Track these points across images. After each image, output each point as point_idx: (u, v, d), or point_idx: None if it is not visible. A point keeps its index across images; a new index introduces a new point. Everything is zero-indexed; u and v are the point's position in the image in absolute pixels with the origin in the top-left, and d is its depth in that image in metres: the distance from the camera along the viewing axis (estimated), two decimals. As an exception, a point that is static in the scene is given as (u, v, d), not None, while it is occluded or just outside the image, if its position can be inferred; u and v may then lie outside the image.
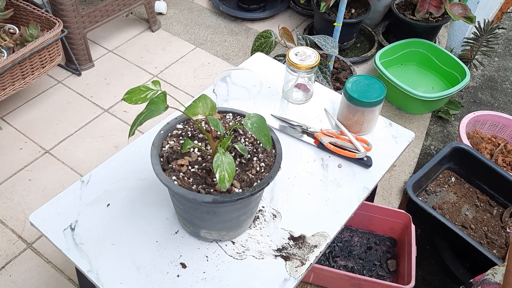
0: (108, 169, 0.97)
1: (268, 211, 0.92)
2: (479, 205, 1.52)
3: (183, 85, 1.92)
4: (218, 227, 0.82)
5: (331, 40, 1.52)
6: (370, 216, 1.41)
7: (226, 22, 2.27)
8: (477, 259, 1.31)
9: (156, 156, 0.77)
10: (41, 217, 0.89)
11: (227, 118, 0.86)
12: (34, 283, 1.28)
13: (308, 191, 0.96)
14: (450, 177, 1.60)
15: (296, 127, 1.08)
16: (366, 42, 2.19)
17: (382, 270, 1.38)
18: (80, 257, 0.83)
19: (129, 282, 0.80)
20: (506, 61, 2.34)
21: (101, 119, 1.75)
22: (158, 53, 2.06)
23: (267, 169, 0.78)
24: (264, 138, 0.72)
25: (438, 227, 1.39)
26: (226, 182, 0.68)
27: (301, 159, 1.02)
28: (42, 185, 1.51)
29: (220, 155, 0.69)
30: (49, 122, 1.72)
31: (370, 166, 1.01)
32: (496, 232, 1.44)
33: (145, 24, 2.20)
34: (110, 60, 2.00)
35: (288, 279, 0.82)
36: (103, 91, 1.86)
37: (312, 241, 0.88)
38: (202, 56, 2.06)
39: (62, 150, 1.63)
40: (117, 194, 0.93)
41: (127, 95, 0.72)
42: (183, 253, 0.84)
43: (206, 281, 0.81)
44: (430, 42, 1.99)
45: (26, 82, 1.64)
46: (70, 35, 1.80)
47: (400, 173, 1.68)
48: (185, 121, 0.84)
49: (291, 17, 2.34)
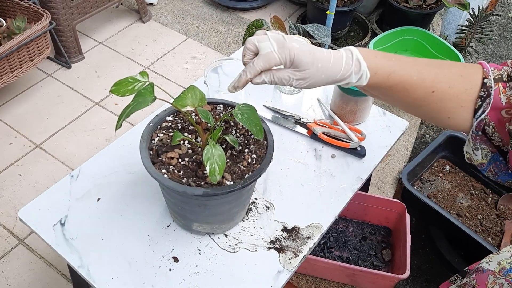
0: (98, 163, 0.95)
1: (261, 203, 0.91)
2: (474, 193, 1.52)
3: (175, 77, 1.89)
4: (210, 220, 0.81)
5: (324, 29, 1.50)
6: (365, 206, 1.40)
7: (218, 12, 2.24)
8: (472, 247, 1.31)
9: (145, 149, 0.75)
10: (30, 213, 0.87)
11: (217, 109, 0.84)
12: (26, 279, 1.26)
13: (301, 182, 0.95)
14: (445, 165, 1.59)
15: (289, 117, 1.07)
16: (359, 30, 2.17)
17: (377, 260, 1.38)
18: (70, 252, 0.82)
19: (121, 277, 0.79)
20: (501, 48, 2.33)
21: (92, 112, 1.73)
22: (149, 44, 2.03)
23: (259, 160, 0.76)
24: (256, 129, 0.70)
25: (433, 216, 1.39)
26: (217, 175, 0.66)
27: (294, 150, 1.01)
28: (33, 180, 1.49)
29: (210, 147, 0.67)
30: (39, 116, 1.70)
31: (364, 156, 1.00)
32: (491, 220, 1.44)
33: (136, 15, 2.16)
34: (100, 52, 1.97)
35: (282, 271, 0.81)
36: (94, 83, 1.83)
37: (306, 233, 0.87)
38: (194, 47, 2.04)
39: (53, 144, 1.60)
40: (108, 188, 0.91)
41: (115, 86, 0.70)
42: (175, 247, 0.83)
43: (199, 274, 0.80)
44: (424, 30, 1.97)
45: (14, 75, 1.61)
46: (59, 27, 1.77)
47: (395, 162, 1.68)
48: (175, 113, 0.83)
49: (284, 6, 2.31)
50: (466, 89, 0.62)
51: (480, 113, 0.62)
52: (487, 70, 0.63)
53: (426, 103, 0.64)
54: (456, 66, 0.64)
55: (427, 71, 0.63)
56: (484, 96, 0.62)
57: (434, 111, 0.64)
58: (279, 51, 0.60)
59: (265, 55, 0.60)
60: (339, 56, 0.61)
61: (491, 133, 0.63)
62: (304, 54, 0.60)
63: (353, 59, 0.61)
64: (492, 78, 0.62)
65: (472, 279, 0.75)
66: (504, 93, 0.61)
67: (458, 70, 0.63)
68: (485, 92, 0.62)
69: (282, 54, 0.60)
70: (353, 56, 0.61)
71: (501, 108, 0.61)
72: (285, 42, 0.60)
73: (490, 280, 0.71)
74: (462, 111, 0.63)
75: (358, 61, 0.61)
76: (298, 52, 0.60)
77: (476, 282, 0.73)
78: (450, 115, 0.64)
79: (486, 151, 0.65)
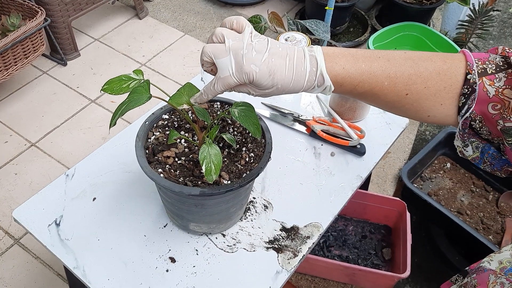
0: (94, 162, 0.94)
1: (259, 202, 0.89)
2: (474, 191, 1.51)
3: (172, 74, 1.87)
4: (207, 219, 0.80)
5: (323, 25, 1.48)
6: (365, 205, 1.39)
7: (216, 7, 2.22)
8: (473, 245, 1.30)
9: (141, 148, 0.74)
10: (25, 213, 0.86)
11: (214, 107, 0.83)
12: (22, 279, 1.25)
13: (300, 181, 0.93)
14: (445, 163, 1.58)
15: (288, 115, 1.05)
16: (359, 26, 2.15)
17: (377, 259, 1.37)
18: (65, 253, 0.81)
19: (117, 278, 0.78)
20: (501, 43, 2.31)
21: (88, 110, 1.71)
22: (145, 41, 2.00)
23: (257, 159, 0.75)
24: (253, 127, 0.69)
25: (433, 213, 1.37)
26: (213, 174, 0.65)
27: (293, 148, 1.00)
28: (29, 179, 1.48)
29: (206, 146, 0.66)
30: (34, 114, 1.68)
31: (364, 154, 0.99)
32: (492, 218, 1.43)
33: (132, 11, 2.14)
34: (96, 49, 1.95)
35: (281, 272, 0.80)
36: (90, 81, 1.81)
37: (305, 232, 0.85)
38: (191, 44, 2.01)
39: (48, 142, 1.59)
40: (103, 188, 0.90)
41: (107, 85, 0.68)
42: (172, 247, 0.82)
43: (196, 275, 0.79)
44: (424, 25, 1.95)
45: (9, 73, 1.59)
46: (54, 23, 1.74)
47: (395, 160, 1.66)
48: (171, 111, 0.81)
49: (282, 2, 2.29)
50: (445, 87, 0.59)
51: (465, 111, 0.59)
52: (470, 64, 0.58)
53: (400, 105, 0.61)
54: (434, 61, 0.60)
55: (400, 73, 0.59)
56: (467, 93, 0.58)
57: (411, 111, 0.62)
58: (237, 75, 0.58)
59: (224, 80, 0.59)
60: (302, 72, 0.58)
61: (479, 127, 0.60)
62: (263, 78, 0.58)
63: (317, 74, 0.58)
64: (477, 73, 0.58)
65: (473, 278, 0.74)
66: (492, 85, 0.57)
67: (437, 66, 0.59)
68: (468, 89, 0.58)
69: (240, 78, 0.58)
70: (317, 70, 0.58)
71: (487, 101, 0.58)
72: (243, 64, 0.57)
73: (491, 280, 0.70)
74: (443, 108, 0.60)
75: (321, 76, 0.58)
76: (257, 76, 0.58)
77: (477, 281, 0.72)
78: (430, 113, 0.61)
79: (476, 144, 0.63)
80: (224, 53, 0.58)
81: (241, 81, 0.59)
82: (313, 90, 0.60)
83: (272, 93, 0.60)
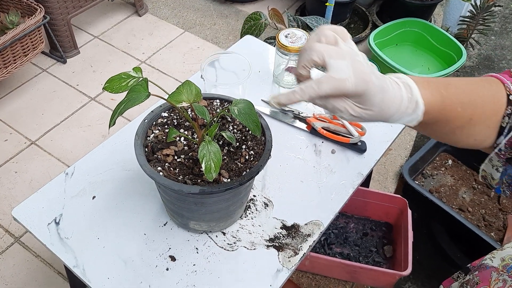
0: (93, 160, 0.93)
1: (259, 200, 0.89)
2: (476, 188, 1.50)
3: (171, 71, 1.87)
4: (207, 218, 0.79)
5: (323, 21, 1.48)
6: (366, 202, 1.39)
7: (216, 4, 2.20)
8: (474, 242, 1.29)
9: (140, 146, 0.73)
10: (24, 212, 0.86)
11: (214, 104, 0.82)
12: (22, 278, 1.25)
13: (301, 179, 0.93)
14: (447, 159, 1.57)
15: (288, 112, 1.04)
16: (359, 22, 2.14)
17: (378, 257, 1.36)
18: (65, 252, 0.80)
19: (117, 276, 0.77)
20: (503, 39, 2.30)
21: (88, 108, 1.70)
22: (145, 38, 2.00)
23: (257, 157, 0.74)
24: (253, 125, 0.68)
25: (435, 211, 1.37)
26: (213, 172, 0.64)
27: (293, 145, 0.99)
28: (29, 178, 1.47)
29: (205, 144, 0.65)
30: (34, 112, 1.67)
31: (365, 151, 0.98)
32: (493, 215, 1.43)
33: (132, 8, 2.13)
34: (96, 46, 1.94)
35: (281, 270, 0.79)
36: (89, 78, 1.80)
37: (306, 230, 0.85)
38: (191, 40, 2.01)
39: (48, 140, 1.58)
40: (103, 186, 0.89)
41: (108, 83, 0.68)
42: (172, 246, 0.82)
43: (197, 273, 0.78)
44: (425, 21, 1.94)
45: (8, 71, 1.58)
46: (53, 21, 1.73)
47: (396, 157, 1.66)
48: (170, 109, 0.81)
49: (283, -1, 2.28)
50: (496, 110, 0.58)
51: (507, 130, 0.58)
52: (507, 85, 0.58)
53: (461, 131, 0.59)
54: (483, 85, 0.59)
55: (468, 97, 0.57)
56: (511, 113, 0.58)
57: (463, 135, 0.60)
58: (355, 81, 0.48)
59: (338, 81, 0.48)
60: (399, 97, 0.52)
61: None
62: (377, 92, 0.49)
63: (412, 100, 0.52)
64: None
65: (475, 276, 0.73)
66: None
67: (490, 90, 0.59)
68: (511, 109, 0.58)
69: (357, 84, 0.48)
70: (412, 97, 0.52)
71: None
72: (364, 71, 0.49)
73: (493, 277, 0.70)
74: (489, 131, 0.59)
75: (415, 103, 0.52)
76: (373, 88, 0.49)
77: (479, 279, 0.72)
78: (477, 137, 0.60)
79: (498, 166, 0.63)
80: (340, 55, 0.50)
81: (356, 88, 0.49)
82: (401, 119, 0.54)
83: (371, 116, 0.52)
